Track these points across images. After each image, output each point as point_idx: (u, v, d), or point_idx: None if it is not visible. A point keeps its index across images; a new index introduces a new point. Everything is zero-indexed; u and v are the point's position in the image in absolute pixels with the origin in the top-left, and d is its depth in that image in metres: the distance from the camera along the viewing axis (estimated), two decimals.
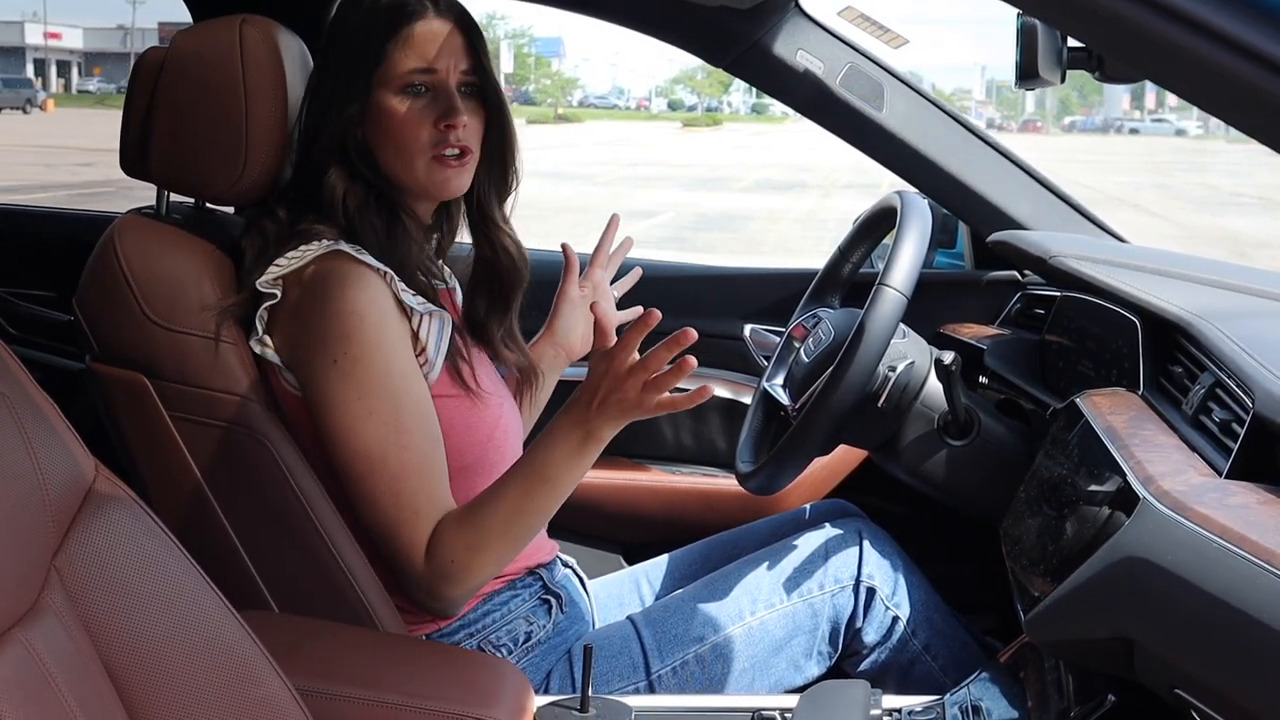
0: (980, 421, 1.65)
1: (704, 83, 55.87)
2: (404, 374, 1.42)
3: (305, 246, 1.44)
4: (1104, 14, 0.83)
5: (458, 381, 1.49)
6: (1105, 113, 53.54)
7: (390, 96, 1.46)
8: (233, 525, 1.44)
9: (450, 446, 1.46)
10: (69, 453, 1.01)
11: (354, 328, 1.40)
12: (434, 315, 1.46)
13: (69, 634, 0.96)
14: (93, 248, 1.50)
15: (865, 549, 1.66)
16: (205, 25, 1.51)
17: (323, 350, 1.40)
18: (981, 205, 2.03)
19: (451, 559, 1.40)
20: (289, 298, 1.44)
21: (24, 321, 2.33)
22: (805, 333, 1.77)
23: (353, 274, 1.41)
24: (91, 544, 1.00)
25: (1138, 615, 1.03)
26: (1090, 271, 1.65)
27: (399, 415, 1.41)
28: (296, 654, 1.19)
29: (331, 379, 1.40)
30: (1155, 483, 1.10)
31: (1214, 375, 1.28)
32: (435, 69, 1.47)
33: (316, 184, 1.48)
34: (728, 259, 8.52)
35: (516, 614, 1.54)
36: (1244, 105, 0.83)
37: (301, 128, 1.50)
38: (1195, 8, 0.80)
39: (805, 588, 1.63)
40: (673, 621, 1.59)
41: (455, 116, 1.46)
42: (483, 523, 1.40)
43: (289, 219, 1.48)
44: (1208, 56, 0.80)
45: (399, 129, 1.47)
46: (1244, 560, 0.93)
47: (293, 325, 1.43)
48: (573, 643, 1.59)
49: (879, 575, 1.65)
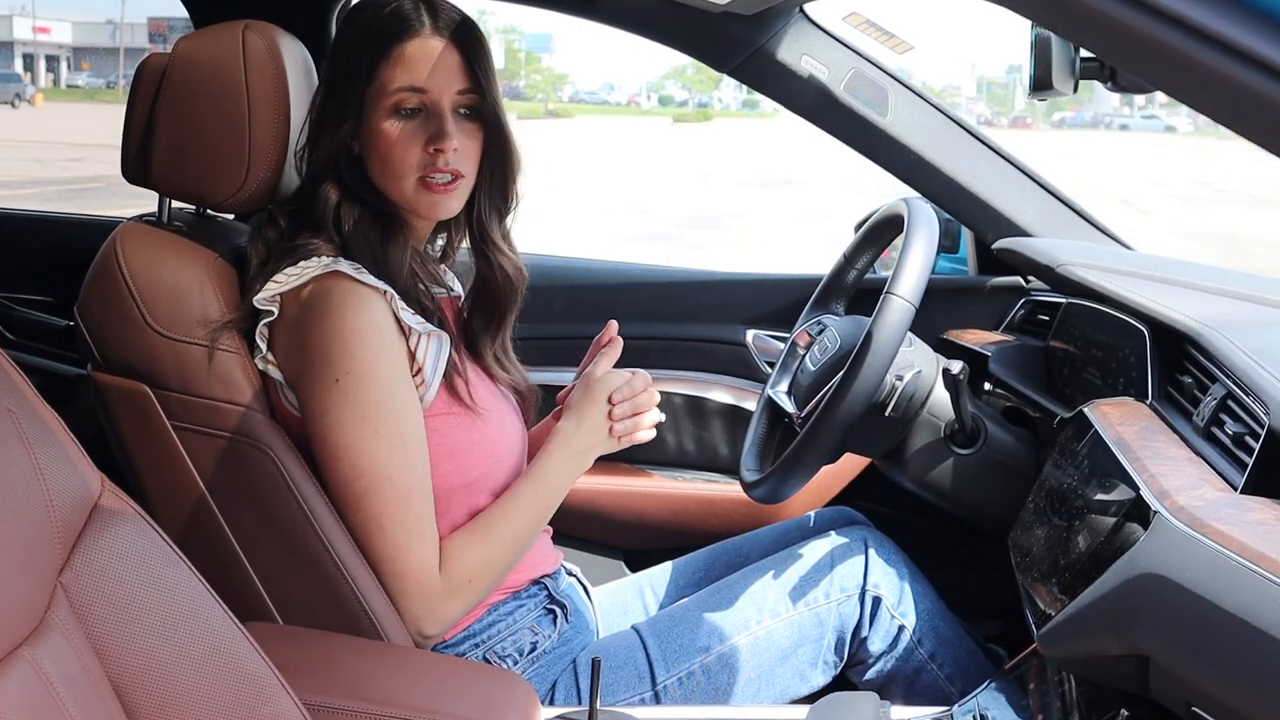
0: (987, 430, 1.64)
1: (695, 78, 55.82)
2: (405, 393, 1.42)
3: (305, 263, 1.43)
4: (1112, 25, 0.82)
5: (456, 399, 1.47)
6: (1095, 109, 53.61)
7: (381, 116, 1.44)
8: (236, 536, 1.43)
9: (454, 464, 1.46)
10: (75, 468, 1.00)
11: (355, 347, 1.39)
12: (432, 335, 1.44)
13: (75, 651, 0.96)
14: (91, 252, 1.48)
15: (871, 557, 1.65)
16: (208, 31, 1.50)
17: (324, 370, 1.39)
18: (986, 211, 2.03)
19: (469, 577, 1.44)
20: (287, 315, 1.42)
21: (22, 326, 2.31)
22: (810, 339, 1.76)
23: (352, 293, 1.40)
24: (98, 560, 0.99)
25: (1154, 632, 1.03)
26: (1098, 280, 1.65)
27: (402, 434, 1.41)
28: (303, 668, 1.19)
29: (333, 398, 1.39)
30: (1170, 497, 1.09)
31: (1225, 387, 1.27)
32: (426, 89, 1.44)
33: (312, 198, 1.47)
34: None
35: (522, 624, 1.54)
36: (1253, 114, 0.83)
37: (307, 143, 1.49)
38: (1207, 19, 0.79)
39: (811, 596, 1.62)
40: (678, 631, 1.59)
41: (444, 140, 1.44)
42: (498, 537, 1.45)
43: (289, 230, 1.47)
44: (1216, 66, 0.79)
45: (388, 149, 1.45)
46: (1263, 578, 0.92)
47: (292, 345, 1.42)
48: (578, 653, 1.58)
49: (885, 584, 1.64)
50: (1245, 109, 0.81)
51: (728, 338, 2.17)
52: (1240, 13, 0.77)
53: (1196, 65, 0.80)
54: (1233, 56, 0.78)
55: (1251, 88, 0.78)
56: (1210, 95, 0.83)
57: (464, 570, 1.44)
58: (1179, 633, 0.99)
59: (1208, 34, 0.79)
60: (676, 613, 1.62)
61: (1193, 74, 0.81)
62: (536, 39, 60.92)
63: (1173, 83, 0.86)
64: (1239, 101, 0.80)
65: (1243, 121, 0.83)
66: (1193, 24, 0.79)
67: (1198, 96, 0.85)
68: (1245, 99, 0.79)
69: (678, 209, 14.64)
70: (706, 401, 2.13)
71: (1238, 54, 0.78)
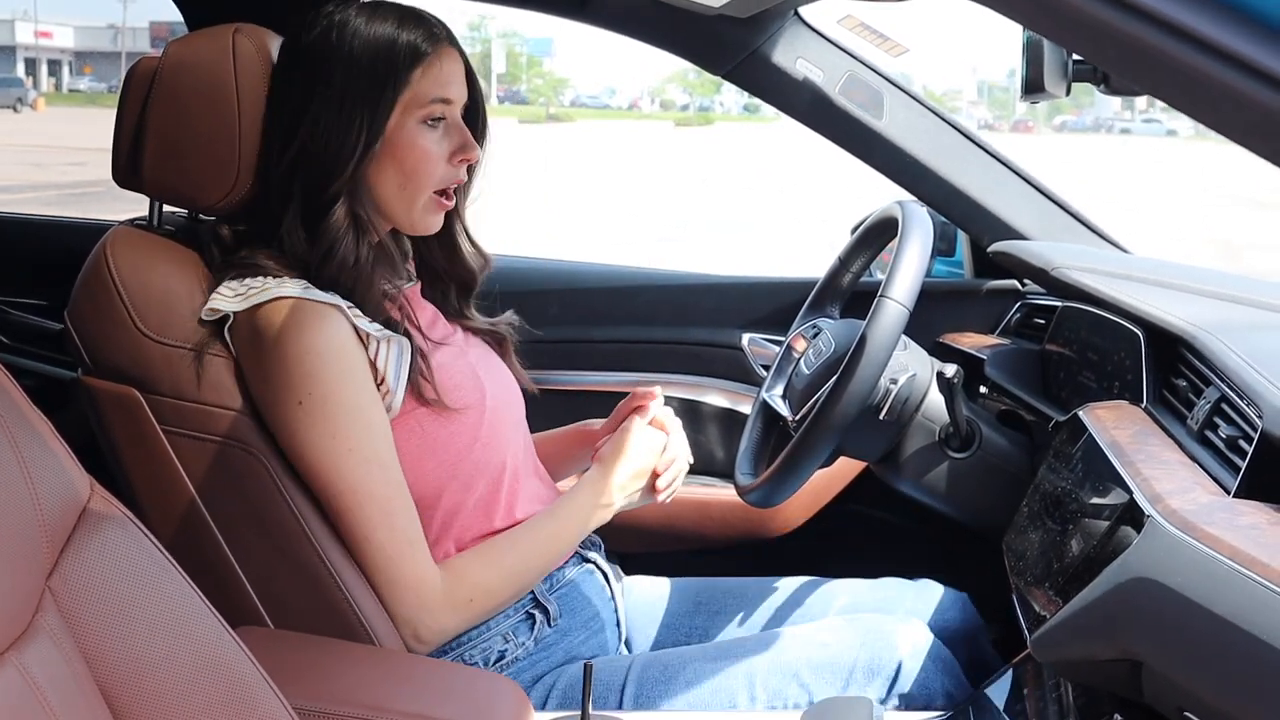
0: (982, 434, 1.64)
1: (696, 82, 55.89)
2: (371, 406, 1.40)
3: (250, 281, 1.40)
4: (1100, 29, 0.82)
5: (423, 399, 1.44)
6: (1096, 113, 53.67)
7: (412, 127, 1.42)
8: (227, 540, 1.43)
9: (436, 461, 1.45)
10: (64, 471, 1.00)
11: (315, 367, 1.37)
12: (391, 340, 1.42)
13: (64, 656, 0.95)
14: (83, 256, 1.48)
15: (901, 674, 1.49)
16: (198, 34, 1.49)
17: (287, 393, 1.38)
18: (981, 214, 2.03)
19: (471, 597, 1.44)
20: (239, 338, 1.41)
21: (16, 330, 2.31)
22: (805, 343, 1.76)
23: (302, 311, 1.38)
24: (86, 564, 0.99)
25: (1146, 637, 1.02)
26: (1093, 284, 1.64)
27: (375, 447, 1.40)
28: (293, 672, 1.18)
29: (299, 420, 1.38)
30: (1163, 501, 1.09)
31: (1220, 390, 1.27)
32: (452, 100, 1.45)
33: (318, 219, 1.41)
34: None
35: (495, 631, 1.50)
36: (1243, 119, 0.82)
37: (284, 153, 1.42)
38: (1184, 17, 0.79)
39: (817, 696, 1.48)
40: (660, 685, 1.51)
41: (472, 151, 1.45)
42: (506, 566, 1.47)
43: (234, 243, 1.45)
44: (1206, 71, 0.79)
45: (418, 162, 1.43)
46: (1255, 583, 0.92)
47: (251, 369, 1.41)
48: (559, 663, 1.53)
49: (902, 703, 1.49)
50: (1226, 108, 0.80)
51: (723, 341, 2.17)
52: (1219, 12, 0.77)
53: (1173, 63, 0.79)
54: (1209, 53, 0.78)
55: (1230, 86, 0.78)
56: (1187, 92, 0.83)
57: (467, 589, 1.43)
58: (1170, 637, 0.99)
59: (1185, 32, 0.78)
60: (671, 663, 1.54)
61: (1166, 70, 0.81)
62: (537, 43, 60.98)
63: (1151, 81, 0.86)
64: (1219, 100, 0.80)
65: (1225, 122, 0.83)
66: (1172, 23, 0.78)
67: (1175, 93, 0.85)
68: (1225, 98, 0.79)
69: (677, 211, 14.65)
70: (702, 405, 2.12)
71: (1214, 51, 0.78)
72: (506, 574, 1.47)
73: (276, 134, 1.43)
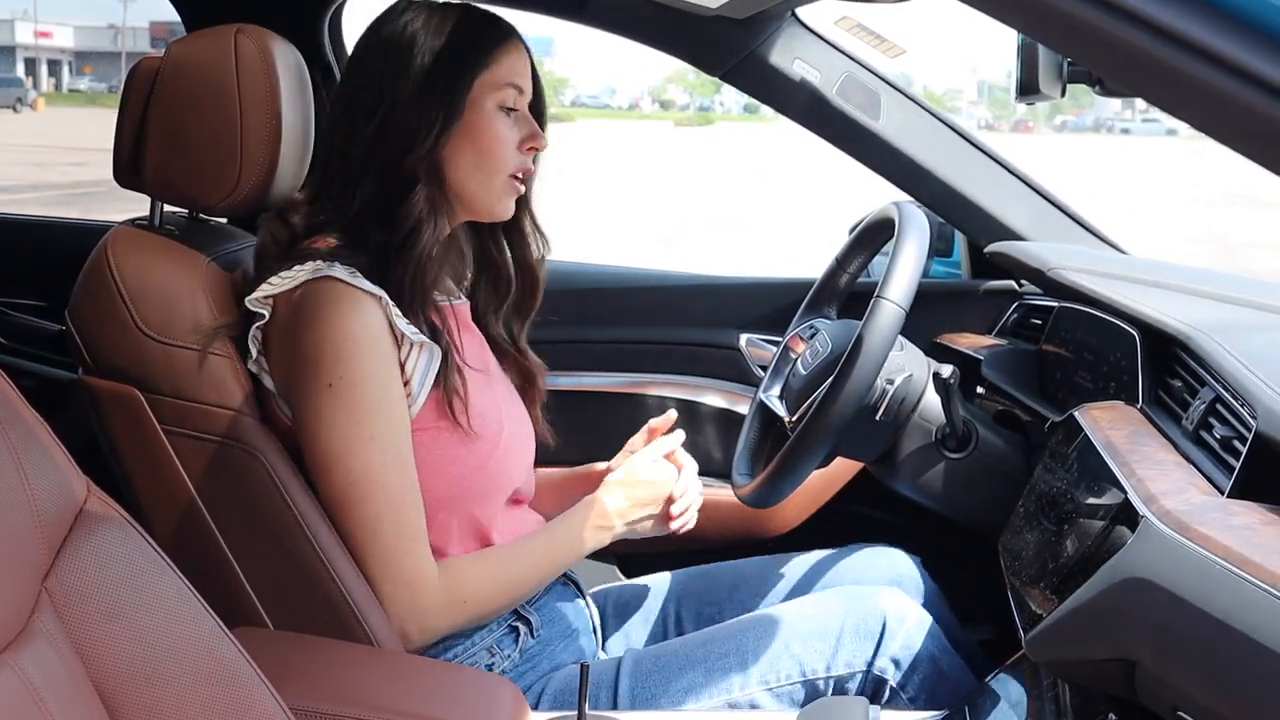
0: (978, 434, 1.64)
1: (696, 83, 55.85)
2: (398, 399, 1.41)
3: (299, 267, 1.41)
4: (1095, 35, 0.82)
5: (447, 415, 1.45)
6: (1096, 113, 53.65)
7: (488, 110, 1.46)
8: (226, 540, 1.43)
9: (439, 478, 1.45)
10: (60, 473, 1.00)
11: (348, 352, 1.38)
12: (424, 346, 1.43)
13: (60, 658, 0.95)
14: (83, 256, 1.48)
15: (886, 634, 1.52)
16: (200, 35, 1.50)
17: (316, 374, 1.39)
18: (979, 215, 2.03)
19: (465, 598, 1.45)
20: (279, 319, 1.41)
21: (16, 331, 2.31)
22: (802, 344, 1.76)
23: (345, 297, 1.39)
24: (83, 565, 0.99)
25: (1139, 637, 1.03)
26: (1089, 284, 1.65)
27: (395, 440, 1.40)
28: (292, 672, 1.18)
29: (326, 403, 1.39)
30: (1157, 501, 1.09)
31: (1215, 390, 1.27)
32: (524, 90, 1.49)
33: (395, 203, 1.42)
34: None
35: (480, 644, 1.50)
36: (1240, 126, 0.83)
37: (358, 136, 1.44)
38: (1188, 27, 0.79)
39: (809, 666, 1.52)
40: (655, 676, 1.52)
41: (540, 140, 1.49)
42: (501, 574, 1.48)
43: (304, 231, 1.46)
44: (1199, 77, 0.79)
45: (493, 145, 1.46)
46: (1246, 583, 0.92)
47: (285, 349, 1.41)
48: (546, 673, 1.54)
49: (894, 668, 1.52)
50: (1213, 110, 0.81)
51: (721, 342, 2.17)
52: (1207, 14, 0.77)
53: (1163, 67, 0.80)
54: (1197, 57, 0.79)
55: (1217, 88, 0.78)
56: (1174, 95, 0.83)
57: (462, 590, 1.44)
58: (1164, 637, 0.99)
59: (1173, 35, 0.79)
60: (662, 657, 1.55)
61: (1153, 73, 0.81)
62: (538, 43, 60.73)
63: (1140, 82, 0.86)
64: (1207, 103, 0.80)
65: (1212, 123, 0.83)
66: (1159, 25, 0.79)
67: (1165, 96, 0.85)
68: (1213, 100, 0.79)
69: (677, 211, 14.65)
70: (699, 405, 2.13)
71: (1203, 55, 0.78)
72: (501, 583, 1.48)
73: (352, 119, 1.45)
